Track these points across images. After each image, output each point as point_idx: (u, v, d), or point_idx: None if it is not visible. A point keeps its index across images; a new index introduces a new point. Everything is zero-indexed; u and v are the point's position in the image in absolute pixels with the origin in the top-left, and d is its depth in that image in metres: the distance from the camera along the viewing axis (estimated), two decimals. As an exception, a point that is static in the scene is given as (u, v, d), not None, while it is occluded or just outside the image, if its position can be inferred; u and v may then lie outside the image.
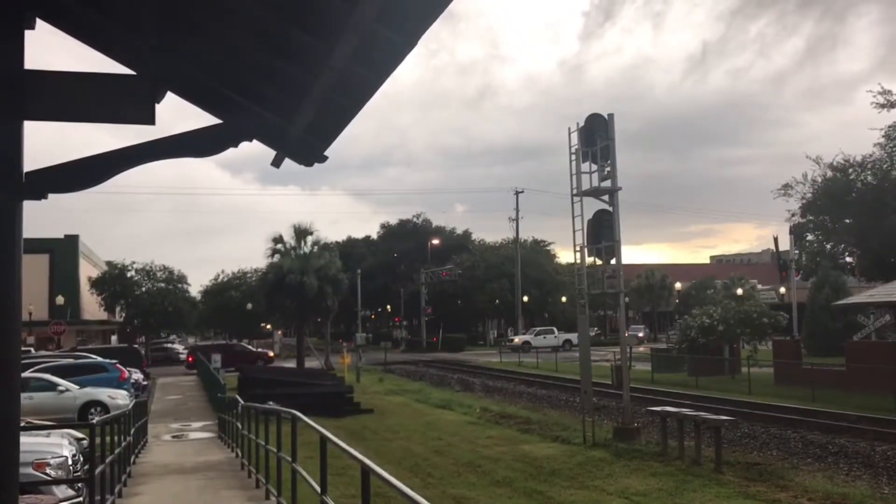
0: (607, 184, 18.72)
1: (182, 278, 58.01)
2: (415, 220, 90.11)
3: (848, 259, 31.77)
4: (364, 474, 5.15)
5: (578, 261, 19.57)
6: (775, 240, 60.14)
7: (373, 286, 62.46)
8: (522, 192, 72.59)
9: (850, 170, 25.71)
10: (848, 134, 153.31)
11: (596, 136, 18.71)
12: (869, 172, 25.44)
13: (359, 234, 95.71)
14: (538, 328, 67.26)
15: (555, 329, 65.67)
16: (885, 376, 24.10)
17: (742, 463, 15.27)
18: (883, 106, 24.20)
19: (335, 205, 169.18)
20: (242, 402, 15.31)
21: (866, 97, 50.39)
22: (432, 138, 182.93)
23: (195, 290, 66.07)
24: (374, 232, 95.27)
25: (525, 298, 70.38)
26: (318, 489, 6.86)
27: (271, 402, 14.61)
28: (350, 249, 79.80)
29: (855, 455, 15.87)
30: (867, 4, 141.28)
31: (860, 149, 27.42)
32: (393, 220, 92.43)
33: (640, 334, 68.62)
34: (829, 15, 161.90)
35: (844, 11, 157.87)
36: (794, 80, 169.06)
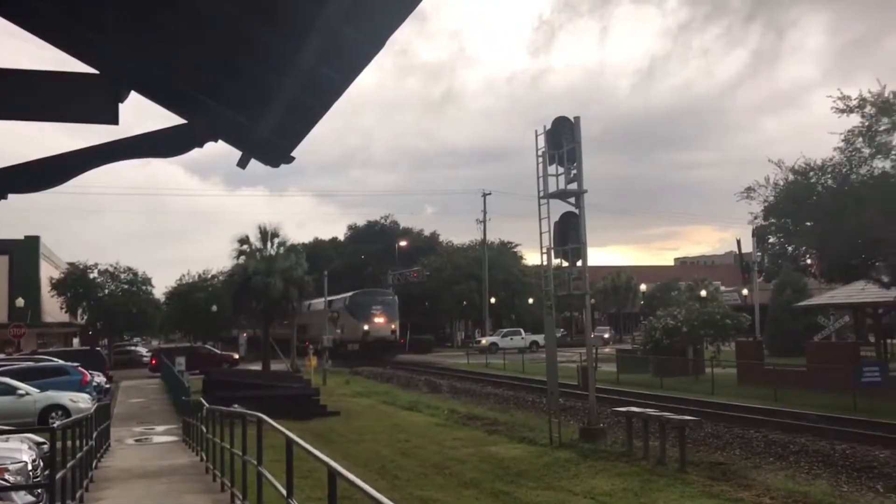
0: (573, 186, 18.84)
1: (146, 280, 57.16)
2: (382, 221, 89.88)
3: (809, 261, 32.31)
4: (331, 477, 5.13)
5: (545, 262, 19.68)
6: (738, 242, 61.07)
7: (340, 288, 62.04)
8: (490, 194, 72.87)
9: (811, 173, 26.11)
10: (807, 138, 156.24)
11: (562, 139, 18.82)
12: (829, 176, 25.86)
13: (326, 236, 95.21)
14: (505, 329, 67.46)
15: (522, 330, 65.93)
16: (844, 376, 24.57)
17: (706, 462, 15.45)
18: (842, 111, 24.63)
19: (302, 206, 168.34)
20: (207, 405, 15.16)
21: (824, 101, 51.56)
22: (397, 140, 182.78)
23: (160, 292, 65.21)
24: (341, 233, 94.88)
25: (492, 300, 70.56)
26: (284, 492, 6.82)
27: (236, 405, 14.49)
28: (317, 251, 79.25)
29: (815, 454, 16.15)
30: (816, 14, 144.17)
31: (820, 152, 28.10)
32: (360, 222, 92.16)
33: (606, 335, 69.16)
34: (773, 27, 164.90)
35: (797, 21, 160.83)
36: (752, 84, 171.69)
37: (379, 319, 56.24)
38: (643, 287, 77.42)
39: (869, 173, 25.23)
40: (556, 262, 19.61)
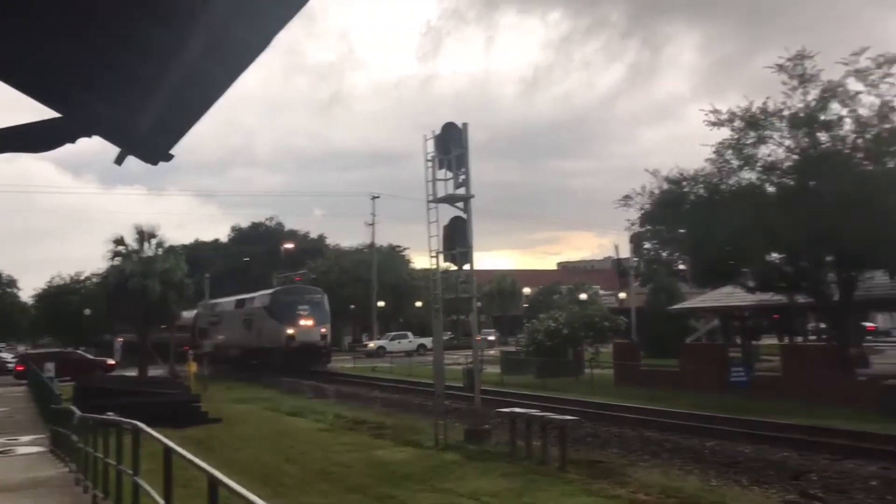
0: (462, 191, 19.07)
1: (12, 282, 54.01)
2: (267, 223, 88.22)
3: (681, 266, 33.84)
4: (211, 485, 4.99)
5: (434, 266, 19.81)
6: (616, 248, 63.50)
7: (222, 291, 60.36)
8: (378, 197, 72.69)
9: (684, 183, 27.37)
10: (681, 149, 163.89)
11: (451, 145, 19.01)
12: (701, 186, 27.17)
13: (207, 237, 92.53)
14: (393, 333, 67.48)
15: (409, 334, 66.10)
16: (714, 376, 25.90)
17: (586, 461, 15.91)
18: (714, 124, 25.94)
19: (182, 206, 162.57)
20: (79, 413, 14.42)
21: (697, 115, 54.12)
22: (283, 140, 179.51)
23: (27, 294, 61.69)
24: (223, 235, 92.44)
25: (381, 303, 70.40)
26: (163, 502, 6.57)
27: (111, 413, 13.84)
28: (198, 253, 76.95)
29: (687, 451, 16.91)
30: (689, 32, 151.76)
31: (693, 163, 29.69)
32: (244, 223, 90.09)
33: (491, 338, 70.24)
34: (649, 44, 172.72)
35: (672, 37, 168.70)
36: (629, 97, 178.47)
37: (306, 322, 46.52)
38: (527, 290, 79.16)
39: (737, 184, 26.68)
40: (444, 265, 19.78)
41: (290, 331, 45.67)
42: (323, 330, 47.33)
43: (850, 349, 27.98)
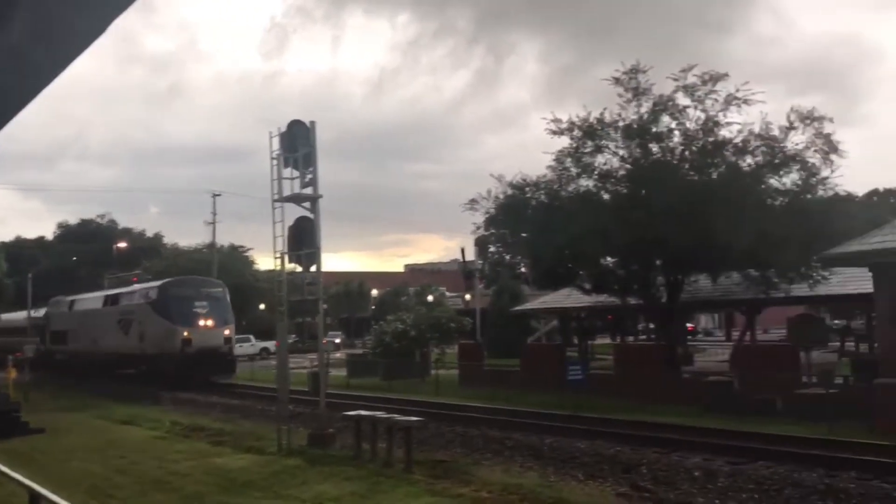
0: (309, 190, 18.77)
1: None
2: (98, 220, 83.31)
3: (524, 269, 34.95)
4: (32, 499, 4.62)
5: (278, 267, 19.38)
6: (462, 251, 64.75)
7: (47, 292, 56.28)
8: (220, 194, 69.99)
9: (527, 189, 28.24)
10: (525, 155, 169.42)
11: (297, 142, 18.67)
12: (542, 192, 28.14)
13: (31, 234, 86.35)
14: (235, 336, 65.44)
15: (252, 337, 64.43)
16: (552, 375, 26.91)
17: (430, 461, 16.07)
18: (554, 133, 26.91)
19: (2, 200, 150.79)
20: None
21: (540, 123, 56.23)
22: (118, 133, 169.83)
23: None
24: (49, 232, 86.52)
25: (221, 305, 68.09)
26: (-26, 525, 6.02)
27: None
28: (19, 251, 71.58)
29: (527, 448, 17.44)
30: (532, 42, 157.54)
31: (536, 169, 30.86)
32: (73, 220, 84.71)
33: (338, 340, 69.76)
34: (493, 51, 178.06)
35: (515, 46, 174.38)
36: (475, 103, 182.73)
37: (205, 322, 37.31)
38: (375, 292, 79.19)
39: (576, 190, 27.83)
40: (289, 267, 19.38)
41: (185, 333, 36.49)
42: (227, 332, 38.23)
43: (676, 348, 29.93)
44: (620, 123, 26.46)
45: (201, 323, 37.20)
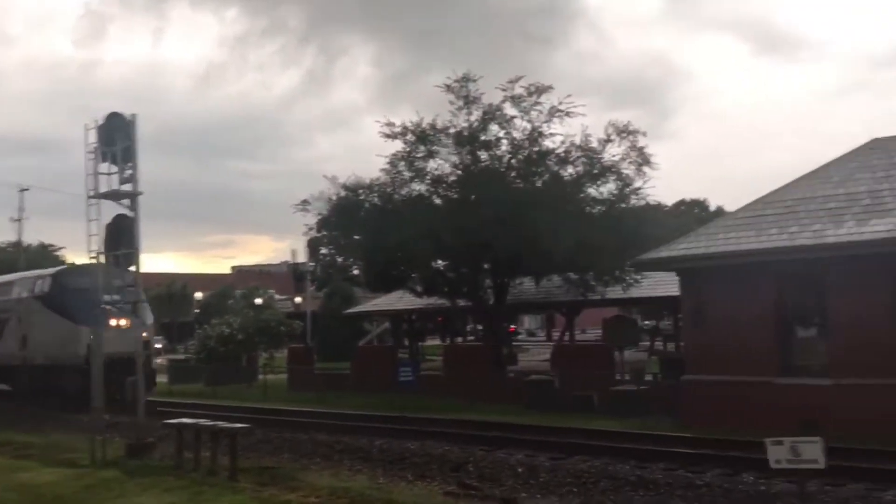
0: (128, 187, 17.77)
1: None
2: None
3: (356, 272, 34.93)
4: None
5: (93, 268, 18.20)
6: (293, 252, 63.73)
7: None
8: (28, 189, 65.03)
9: (360, 190, 28.26)
10: (358, 157, 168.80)
11: (116, 136, 17.62)
12: (376, 195, 28.25)
13: None
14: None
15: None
16: (384, 377, 27.03)
17: (257, 468, 15.63)
18: (388, 136, 27.11)
19: None
20: None
21: (374, 126, 56.46)
22: None
23: None
24: None
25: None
26: None
27: None
28: None
29: (357, 451, 17.39)
30: (365, 45, 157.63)
31: (370, 172, 30.96)
32: None
33: (159, 345, 66.53)
34: (325, 52, 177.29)
35: (348, 49, 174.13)
36: (306, 102, 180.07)
37: (118, 321, 24.65)
38: (199, 295, 76.22)
39: (409, 194, 28.16)
40: (105, 267, 18.27)
41: (91, 336, 24.12)
42: (145, 334, 26.40)
43: (502, 348, 30.94)
44: (452, 130, 27.08)
45: (112, 323, 24.01)
